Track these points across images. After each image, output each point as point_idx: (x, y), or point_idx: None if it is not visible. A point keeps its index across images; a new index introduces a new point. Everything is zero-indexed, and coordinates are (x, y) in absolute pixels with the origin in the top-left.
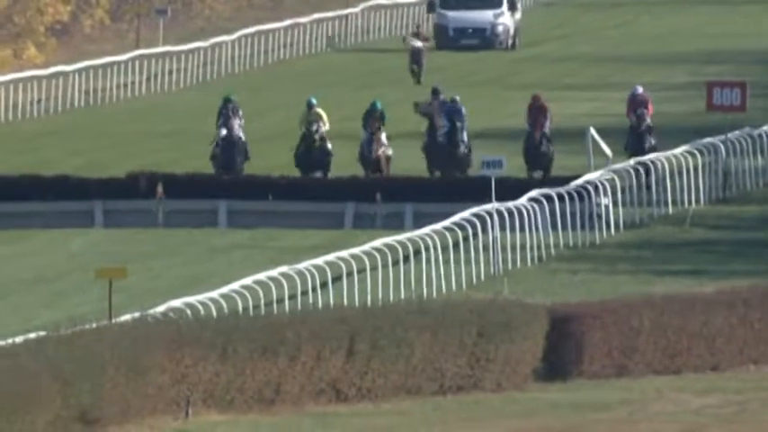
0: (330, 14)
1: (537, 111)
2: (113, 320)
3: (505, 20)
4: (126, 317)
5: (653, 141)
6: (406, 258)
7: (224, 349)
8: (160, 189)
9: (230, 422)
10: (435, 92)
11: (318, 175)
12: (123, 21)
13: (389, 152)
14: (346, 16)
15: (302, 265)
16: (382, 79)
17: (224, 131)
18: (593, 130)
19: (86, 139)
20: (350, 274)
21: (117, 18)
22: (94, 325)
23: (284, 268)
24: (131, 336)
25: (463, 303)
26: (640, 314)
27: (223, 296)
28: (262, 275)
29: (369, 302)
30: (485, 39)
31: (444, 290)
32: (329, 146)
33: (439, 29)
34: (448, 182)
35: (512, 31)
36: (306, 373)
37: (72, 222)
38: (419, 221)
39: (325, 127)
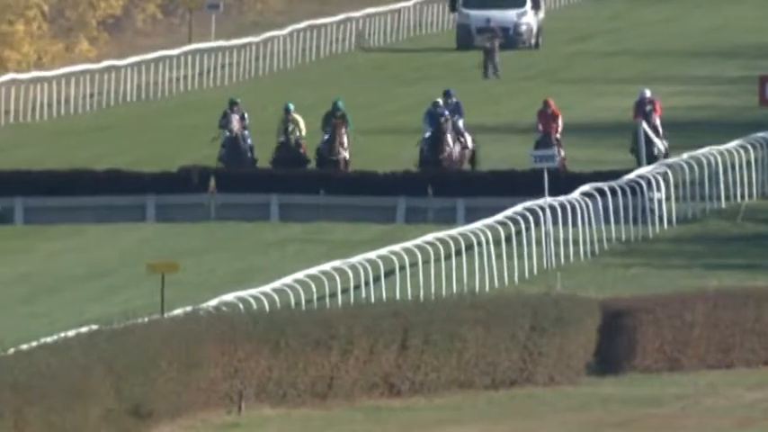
0: (382, 9)
1: (548, 117)
2: (166, 315)
3: (529, 19)
4: (178, 311)
5: (662, 145)
6: (459, 252)
7: (277, 343)
8: (212, 183)
9: (283, 416)
10: (447, 94)
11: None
12: (175, 15)
13: (346, 155)
14: (399, 11)
15: (355, 260)
16: (435, 74)
17: (228, 132)
18: (645, 125)
19: (138, 134)
20: (402, 268)
21: (169, 12)
22: (147, 319)
23: (337, 262)
24: (184, 330)
25: (516, 298)
26: (693, 308)
27: (276, 290)
28: (314, 270)
29: (421, 297)
30: (508, 38)
31: (497, 284)
32: (304, 152)
33: (461, 28)
34: (500, 176)
35: (535, 30)
36: (358, 368)
37: (124, 217)
38: (471, 216)
39: (302, 133)
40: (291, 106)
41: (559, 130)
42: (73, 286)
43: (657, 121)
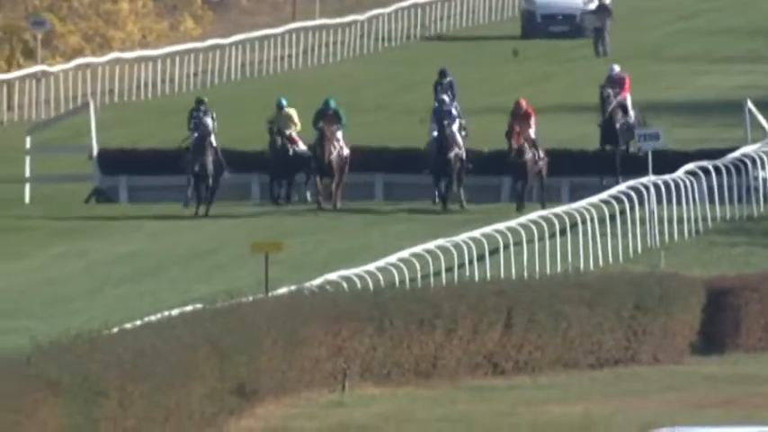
0: None
1: (521, 117)
2: (270, 294)
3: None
4: (282, 290)
5: (628, 119)
6: (563, 231)
7: (381, 322)
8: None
9: (387, 395)
10: (443, 74)
11: (286, 181)
12: None
13: (345, 152)
14: None
15: (459, 238)
16: (535, 53)
17: (195, 134)
18: (750, 103)
19: (242, 112)
20: (506, 246)
21: None
22: (251, 298)
23: (441, 241)
24: (288, 309)
25: (620, 276)
26: None
27: (380, 269)
28: (418, 248)
29: (525, 275)
30: (574, 25)
31: (601, 263)
32: (304, 147)
33: (526, 15)
34: (605, 155)
35: None
36: (462, 346)
37: (229, 195)
38: (575, 194)
39: (297, 128)
40: (284, 101)
41: (532, 130)
42: (177, 265)
43: (628, 99)
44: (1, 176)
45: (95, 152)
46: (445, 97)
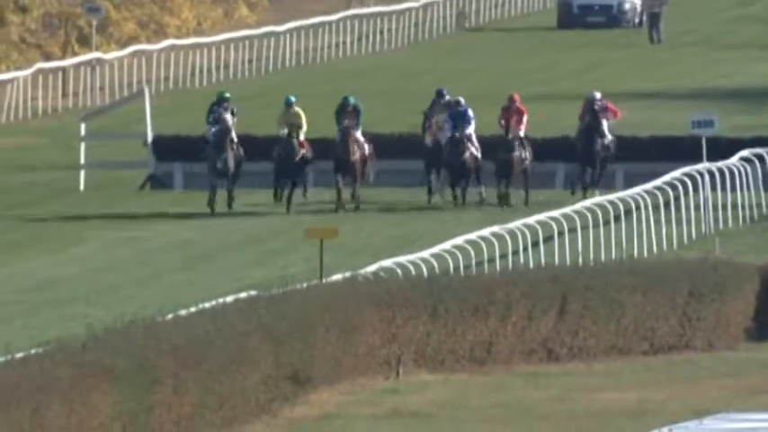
0: None
1: (513, 113)
2: (324, 280)
3: None
4: (337, 276)
5: (607, 141)
6: (617, 218)
7: (435, 309)
8: (369, 149)
9: (441, 382)
10: (439, 94)
11: (292, 189)
12: None
13: (367, 150)
14: None
15: (513, 225)
16: (589, 40)
17: (214, 129)
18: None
19: (297, 99)
20: (561, 233)
21: None
22: (305, 285)
23: (495, 227)
24: (342, 295)
25: (674, 263)
26: None
27: (434, 255)
28: (473, 235)
29: (580, 262)
30: (611, 16)
31: (655, 250)
32: (308, 153)
33: (563, 6)
34: (659, 141)
35: (638, 8)
36: (517, 333)
37: (284, 182)
38: (630, 181)
39: (303, 129)
40: (293, 98)
41: (523, 128)
42: (231, 252)
43: (605, 124)
44: (56, 163)
45: (150, 139)
46: (460, 98)
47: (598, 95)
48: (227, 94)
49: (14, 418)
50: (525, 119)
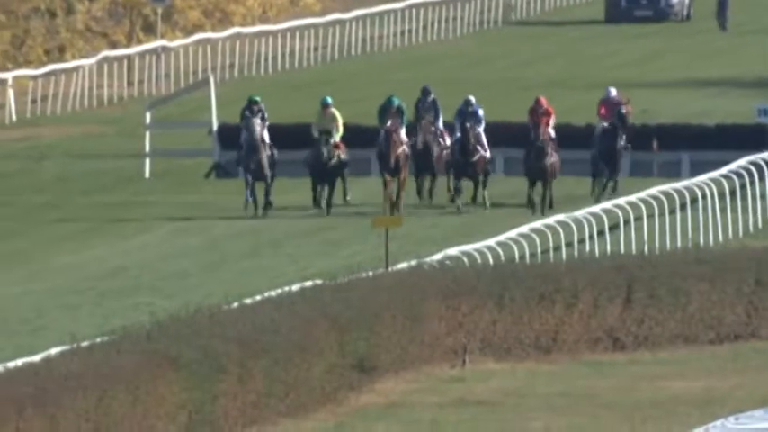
0: None
1: (540, 116)
2: (390, 269)
3: None
4: (402, 265)
5: (625, 144)
6: (683, 206)
7: (500, 297)
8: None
9: (507, 370)
10: (425, 92)
11: (327, 190)
12: None
13: (407, 150)
14: None
15: (579, 213)
16: (654, 28)
17: (245, 134)
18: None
19: (363, 87)
20: (626, 221)
21: None
22: (371, 273)
23: (561, 216)
24: (408, 284)
25: (740, 252)
26: None
27: (500, 244)
28: (538, 223)
29: (646, 250)
30: (659, 10)
31: (721, 238)
32: (344, 156)
33: (610, 0)
34: (725, 130)
35: (687, 1)
36: (583, 321)
37: (354, 171)
38: (696, 170)
39: (339, 132)
40: (329, 99)
41: (550, 129)
42: (297, 240)
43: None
44: (121, 152)
45: (215, 127)
46: (472, 98)
47: (614, 92)
48: (257, 98)
49: (80, 406)
50: (552, 120)
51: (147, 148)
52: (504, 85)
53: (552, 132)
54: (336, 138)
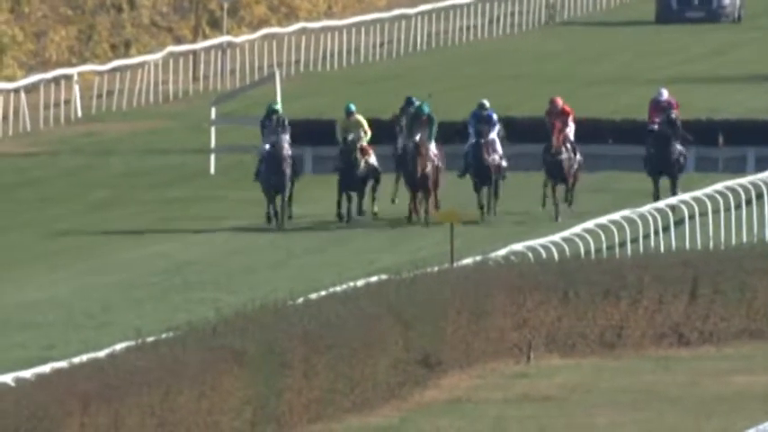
0: None
1: (556, 116)
2: (455, 264)
3: None
4: (467, 260)
5: (683, 150)
6: (748, 202)
7: (565, 293)
8: (502, 133)
9: (572, 366)
10: (408, 101)
11: (356, 198)
12: None
13: (438, 163)
14: None
15: (644, 209)
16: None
17: (267, 146)
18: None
19: (429, 83)
20: (692, 217)
21: None
22: (436, 268)
23: (626, 211)
24: (473, 279)
25: None
26: None
27: (565, 239)
28: (603, 219)
29: (711, 246)
30: (711, 11)
31: None
32: (374, 161)
33: (661, 1)
34: None
35: (738, 3)
36: (647, 317)
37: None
38: (761, 165)
39: (367, 137)
40: (353, 107)
41: (570, 131)
42: (362, 236)
43: (679, 124)
44: (186, 147)
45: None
46: (486, 102)
47: (665, 93)
48: (277, 107)
49: (145, 401)
50: (571, 120)
51: (213, 144)
52: (569, 80)
53: (571, 133)
54: (364, 141)
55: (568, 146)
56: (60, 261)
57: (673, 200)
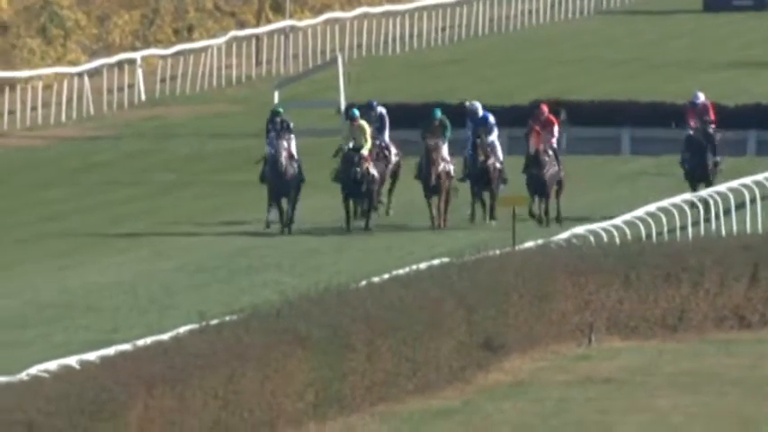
0: None
1: (541, 124)
2: (517, 247)
3: None
4: (529, 244)
5: (718, 159)
6: None
7: (627, 276)
8: (563, 116)
9: (633, 349)
10: (369, 106)
11: (360, 206)
12: None
13: (449, 168)
14: None
15: (705, 192)
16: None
17: (270, 150)
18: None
19: (491, 67)
20: (753, 200)
21: None
22: (498, 252)
23: (687, 195)
24: (535, 262)
25: None
26: None
27: (626, 223)
28: (665, 202)
29: None
30: (758, 0)
31: None
32: (374, 171)
33: None
34: None
35: None
36: (709, 300)
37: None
38: None
39: (368, 145)
40: (357, 112)
41: (554, 140)
42: (426, 219)
43: (712, 130)
44: (249, 131)
45: (343, 107)
46: (477, 104)
47: (701, 97)
48: (281, 109)
49: (209, 384)
50: (556, 129)
51: None
52: (631, 64)
53: (555, 143)
54: (365, 151)
55: (550, 152)
56: (124, 245)
57: (734, 183)
